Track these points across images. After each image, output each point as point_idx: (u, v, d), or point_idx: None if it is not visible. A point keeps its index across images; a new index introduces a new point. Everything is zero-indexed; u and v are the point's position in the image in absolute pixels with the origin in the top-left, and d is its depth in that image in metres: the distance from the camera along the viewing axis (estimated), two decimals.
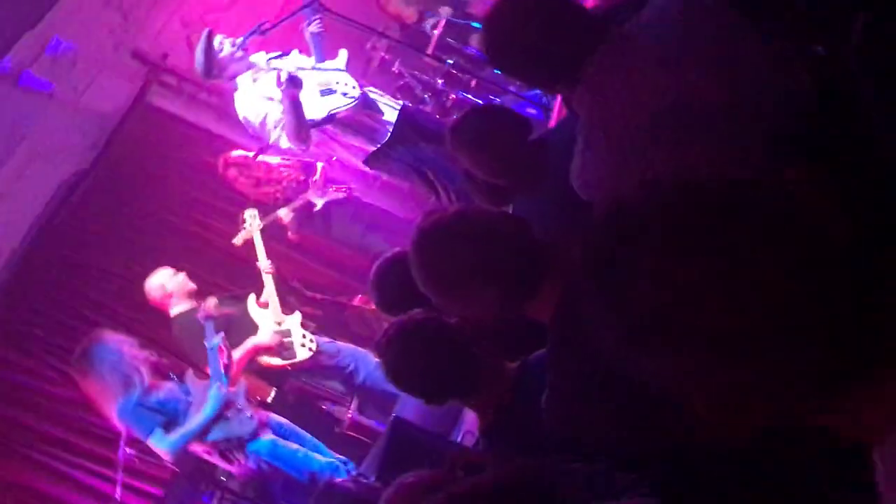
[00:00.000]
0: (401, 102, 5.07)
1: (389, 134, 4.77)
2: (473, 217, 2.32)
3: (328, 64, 4.95)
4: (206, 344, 4.95)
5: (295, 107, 4.57)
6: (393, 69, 6.23)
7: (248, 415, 4.83)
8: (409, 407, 4.81)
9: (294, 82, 4.55)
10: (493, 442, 2.67)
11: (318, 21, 4.93)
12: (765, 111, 2.13)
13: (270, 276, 5.35)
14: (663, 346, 1.25)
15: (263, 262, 5.37)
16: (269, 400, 5.41)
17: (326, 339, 5.40)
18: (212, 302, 5.13)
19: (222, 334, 4.97)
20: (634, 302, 1.25)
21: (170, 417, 4.78)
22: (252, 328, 5.23)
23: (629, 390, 1.89)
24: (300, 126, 4.62)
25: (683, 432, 1.59)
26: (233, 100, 5.00)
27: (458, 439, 4.43)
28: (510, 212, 3.28)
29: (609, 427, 2.25)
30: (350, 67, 5.03)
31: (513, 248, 2.24)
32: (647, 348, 1.28)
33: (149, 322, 5.85)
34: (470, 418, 4.61)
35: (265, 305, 5.29)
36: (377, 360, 5.18)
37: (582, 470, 2.39)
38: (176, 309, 5.27)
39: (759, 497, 1.59)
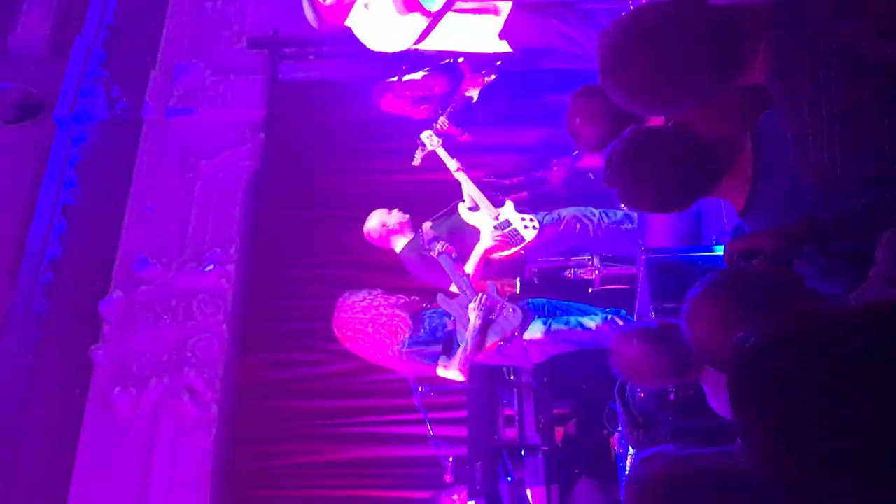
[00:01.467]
0: None
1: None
2: (647, 17, 2.24)
3: None
4: (433, 256, 5.05)
5: None
6: None
7: (511, 309, 4.93)
8: (650, 237, 4.76)
9: None
10: (754, 219, 2.59)
11: None
12: None
13: (465, 176, 5.33)
14: None
15: (452, 164, 5.36)
16: (517, 291, 5.48)
17: (544, 212, 5.40)
18: (427, 225, 5.22)
19: (442, 241, 5.06)
20: None
21: (444, 342, 4.95)
22: (474, 233, 5.28)
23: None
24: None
25: None
26: (355, 38, 5.00)
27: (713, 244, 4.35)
28: None
29: (871, 152, 2.15)
30: None
31: (702, 23, 2.15)
32: None
33: (382, 274, 5.94)
34: (712, 222, 4.52)
35: (476, 208, 5.31)
36: (603, 207, 5.19)
37: (857, 209, 2.29)
38: (399, 243, 5.33)
39: None
